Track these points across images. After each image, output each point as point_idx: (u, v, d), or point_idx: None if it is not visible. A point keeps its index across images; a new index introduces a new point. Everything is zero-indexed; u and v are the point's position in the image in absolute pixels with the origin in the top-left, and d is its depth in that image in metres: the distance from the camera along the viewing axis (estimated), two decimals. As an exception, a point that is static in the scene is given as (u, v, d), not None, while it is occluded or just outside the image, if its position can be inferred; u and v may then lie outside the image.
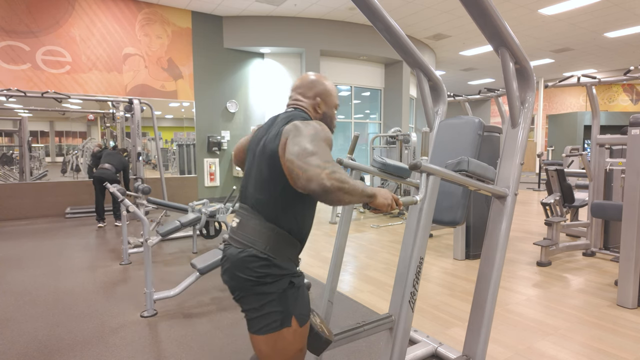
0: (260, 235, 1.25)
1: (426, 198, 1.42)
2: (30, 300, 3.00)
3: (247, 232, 1.27)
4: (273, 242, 1.25)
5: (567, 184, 4.57)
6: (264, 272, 1.22)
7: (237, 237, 1.29)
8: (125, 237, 3.97)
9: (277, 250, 1.25)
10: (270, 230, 1.25)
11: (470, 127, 1.87)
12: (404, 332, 1.42)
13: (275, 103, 9.03)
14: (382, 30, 1.75)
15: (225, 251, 1.33)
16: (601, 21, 8.59)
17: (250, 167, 1.36)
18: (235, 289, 1.28)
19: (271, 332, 1.24)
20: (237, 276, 1.25)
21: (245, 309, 1.28)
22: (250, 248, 1.24)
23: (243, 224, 1.30)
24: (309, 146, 1.12)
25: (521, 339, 2.37)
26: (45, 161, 7.59)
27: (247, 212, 1.31)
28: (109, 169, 5.67)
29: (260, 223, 1.26)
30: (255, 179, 1.31)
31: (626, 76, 4.06)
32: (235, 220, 1.34)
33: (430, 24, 8.74)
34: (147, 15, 7.66)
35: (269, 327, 1.24)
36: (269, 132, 1.31)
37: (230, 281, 1.29)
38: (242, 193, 1.38)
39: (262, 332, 1.24)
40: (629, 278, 2.80)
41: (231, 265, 1.26)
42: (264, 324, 1.24)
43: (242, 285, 1.25)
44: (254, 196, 1.30)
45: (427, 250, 4.48)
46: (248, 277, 1.23)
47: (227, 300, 3.00)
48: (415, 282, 1.43)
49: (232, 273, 1.26)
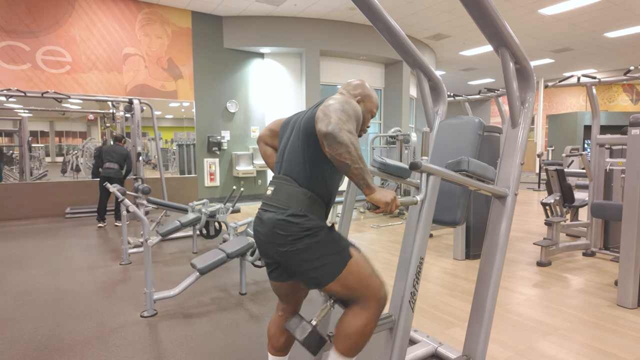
0: (295, 199, 1.39)
1: (426, 198, 1.42)
2: (30, 300, 3.00)
3: (282, 197, 1.41)
4: (306, 204, 1.39)
5: (567, 184, 4.57)
6: (306, 225, 1.35)
7: (273, 203, 1.42)
8: (125, 237, 3.97)
9: (311, 211, 1.40)
10: (303, 194, 1.40)
11: (470, 127, 1.87)
12: (404, 332, 1.42)
13: (276, 103, 9.04)
14: (382, 30, 1.74)
15: (261, 216, 1.44)
16: (601, 21, 8.59)
17: (285, 142, 1.53)
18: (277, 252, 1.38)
19: (338, 273, 1.36)
20: (280, 235, 1.35)
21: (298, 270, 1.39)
22: (287, 209, 1.37)
23: (277, 190, 1.44)
24: (339, 106, 1.29)
25: (521, 339, 2.37)
26: (45, 161, 7.59)
27: (281, 180, 1.46)
28: (114, 167, 5.69)
29: (294, 188, 1.41)
30: (290, 149, 1.48)
31: (626, 76, 4.06)
32: (269, 189, 1.48)
33: (430, 24, 8.74)
34: (147, 15, 7.66)
35: (336, 269, 1.36)
36: (309, 110, 1.49)
37: (270, 245, 1.39)
38: (276, 167, 1.54)
39: (332, 276, 1.36)
40: (629, 278, 2.80)
41: (273, 226, 1.37)
42: (328, 270, 1.36)
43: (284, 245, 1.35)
44: (288, 164, 1.46)
45: (427, 250, 4.48)
46: (292, 233, 1.34)
47: (227, 300, 3.00)
48: (415, 282, 1.43)
49: (274, 234, 1.37)
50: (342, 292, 1.39)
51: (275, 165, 1.56)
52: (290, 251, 1.35)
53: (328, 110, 1.26)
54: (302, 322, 1.44)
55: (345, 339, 1.39)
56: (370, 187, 1.27)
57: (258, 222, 1.46)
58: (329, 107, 1.28)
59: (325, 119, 1.23)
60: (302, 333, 1.41)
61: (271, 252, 1.42)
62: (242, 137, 8.91)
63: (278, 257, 1.41)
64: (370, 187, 1.27)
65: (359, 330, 1.38)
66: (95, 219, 6.50)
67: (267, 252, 1.44)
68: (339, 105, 1.29)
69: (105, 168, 5.67)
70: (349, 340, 1.39)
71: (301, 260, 1.35)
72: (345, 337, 1.39)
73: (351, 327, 1.39)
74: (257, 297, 3.06)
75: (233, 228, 3.76)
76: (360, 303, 1.40)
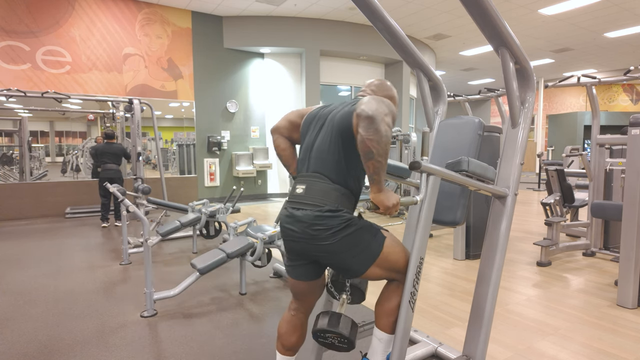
0: (329, 196, 1.40)
1: (426, 198, 1.42)
2: (30, 300, 3.00)
3: (316, 195, 1.41)
4: (340, 200, 1.41)
5: (567, 184, 4.57)
6: (344, 217, 1.38)
7: (306, 201, 1.42)
8: (125, 237, 3.97)
9: (345, 205, 1.42)
10: (337, 191, 1.42)
11: (470, 127, 1.87)
12: (404, 332, 1.42)
13: (276, 103, 9.04)
14: (382, 30, 1.75)
15: (294, 214, 1.44)
16: (601, 21, 8.58)
17: (312, 139, 1.52)
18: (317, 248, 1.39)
19: (377, 255, 1.40)
20: (320, 230, 1.37)
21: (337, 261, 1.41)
22: (324, 206, 1.38)
23: (310, 188, 1.44)
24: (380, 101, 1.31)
25: (521, 339, 2.37)
26: (45, 161, 7.58)
27: (312, 178, 1.46)
28: (112, 168, 5.69)
29: (327, 185, 1.42)
30: (321, 147, 1.47)
31: (626, 76, 4.06)
32: (300, 187, 1.47)
33: (430, 24, 8.73)
34: (147, 15, 7.66)
35: (374, 252, 1.40)
36: (342, 107, 1.49)
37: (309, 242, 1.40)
38: (302, 163, 1.53)
39: (371, 261, 1.40)
40: (629, 278, 2.80)
41: (311, 223, 1.38)
42: (367, 254, 1.40)
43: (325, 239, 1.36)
44: (319, 161, 1.46)
45: (427, 250, 4.48)
46: (332, 226, 1.36)
47: (227, 300, 3.00)
48: (415, 282, 1.43)
49: (313, 230, 1.38)
50: (381, 274, 1.44)
51: (301, 163, 1.54)
52: (332, 244, 1.36)
53: (371, 102, 1.28)
54: (342, 316, 1.47)
55: (389, 316, 1.46)
56: (379, 185, 1.29)
57: (291, 220, 1.44)
58: (372, 99, 1.29)
59: (370, 105, 1.25)
60: (346, 328, 1.44)
61: (308, 248, 1.42)
62: (242, 137, 8.91)
63: (317, 253, 1.42)
64: (380, 185, 1.30)
65: (399, 304, 1.46)
66: (97, 219, 6.50)
67: (303, 249, 1.44)
68: (380, 101, 1.31)
69: (104, 170, 5.67)
70: (393, 316, 1.46)
71: (343, 251, 1.38)
72: (389, 314, 1.46)
73: (394, 304, 1.46)
74: (257, 297, 3.06)
75: (233, 228, 3.76)
76: (397, 279, 1.48)
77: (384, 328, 1.48)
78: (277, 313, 2.75)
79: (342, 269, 1.44)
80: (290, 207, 1.47)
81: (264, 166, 8.81)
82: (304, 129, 1.60)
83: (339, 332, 1.42)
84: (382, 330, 1.49)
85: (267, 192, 9.23)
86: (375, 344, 1.51)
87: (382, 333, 1.49)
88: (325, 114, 1.54)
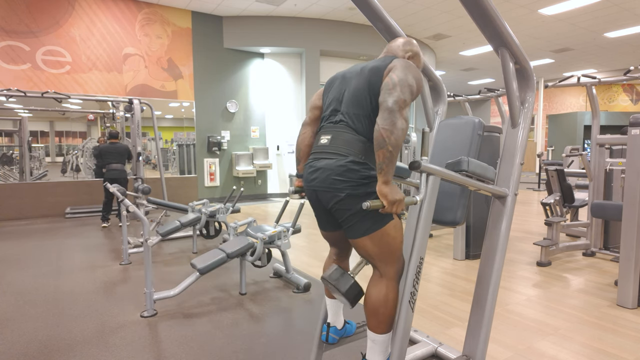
0: (355, 146, 1.40)
1: (426, 198, 1.42)
2: (30, 300, 3.00)
3: (340, 144, 1.41)
4: (365, 151, 1.40)
5: (567, 184, 4.57)
6: (365, 174, 1.37)
7: (330, 150, 1.42)
8: (125, 237, 3.97)
9: (370, 159, 1.40)
10: (362, 142, 1.40)
11: (470, 127, 1.87)
12: (404, 332, 1.42)
13: (276, 103, 9.04)
14: (382, 30, 1.75)
15: (315, 165, 1.44)
16: (601, 21, 8.58)
17: (339, 92, 1.52)
18: (332, 198, 1.39)
19: (377, 229, 1.39)
20: (338, 181, 1.37)
21: (345, 217, 1.41)
22: (348, 156, 1.38)
23: (335, 137, 1.43)
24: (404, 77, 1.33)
25: (521, 339, 2.37)
26: (45, 161, 7.59)
27: (338, 128, 1.45)
28: (118, 168, 5.70)
29: (353, 136, 1.41)
30: (349, 98, 1.46)
31: (626, 76, 4.06)
32: (325, 137, 1.47)
33: (430, 24, 8.73)
34: (147, 15, 7.66)
35: (376, 225, 1.39)
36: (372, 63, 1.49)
37: (326, 192, 1.40)
38: (327, 115, 1.53)
39: (369, 231, 1.39)
40: (629, 278, 2.80)
41: (331, 172, 1.38)
42: (369, 224, 1.38)
43: (341, 191, 1.36)
44: (347, 113, 1.45)
45: (427, 250, 4.48)
46: (350, 179, 1.36)
47: (227, 300, 3.00)
48: (415, 282, 1.43)
49: (331, 180, 1.38)
50: (369, 249, 1.42)
51: (327, 114, 1.53)
52: (346, 197, 1.36)
53: (396, 81, 1.30)
54: (344, 274, 1.50)
55: (373, 315, 1.45)
56: (387, 176, 1.28)
57: (311, 170, 1.45)
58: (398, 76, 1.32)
59: (393, 92, 1.28)
60: (344, 285, 1.47)
61: (325, 199, 1.42)
62: (242, 137, 8.91)
63: (332, 205, 1.42)
64: (387, 177, 1.28)
65: (382, 302, 1.43)
66: (97, 219, 6.50)
67: (321, 199, 1.45)
68: (404, 76, 1.33)
69: (109, 169, 5.67)
70: (377, 316, 1.44)
71: (350, 208, 1.38)
72: (373, 313, 1.45)
73: (374, 300, 1.44)
74: (257, 297, 3.06)
75: (233, 228, 3.76)
76: (379, 269, 1.46)
77: (373, 329, 1.47)
78: (277, 313, 2.75)
79: (345, 225, 1.44)
80: (313, 157, 1.48)
81: (264, 166, 8.81)
82: (327, 88, 1.61)
83: (337, 287, 1.48)
84: (372, 331, 1.48)
85: (267, 192, 9.23)
86: (370, 345, 1.50)
87: (373, 334, 1.48)
88: (352, 70, 1.55)
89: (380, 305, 1.43)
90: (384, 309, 1.44)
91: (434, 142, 2.04)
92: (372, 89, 1.42)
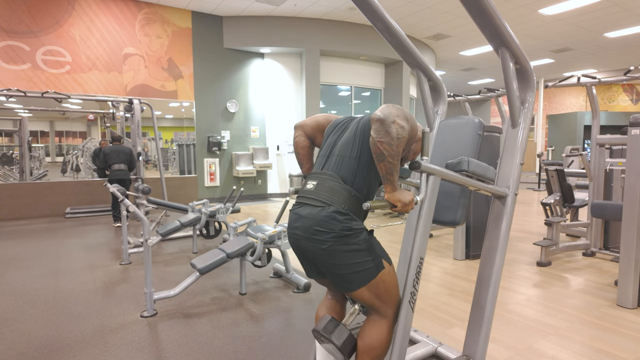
0: (339, 195, 1.38)
1: (426, 198, 1.42)
2: (30, 300, 3.00)
3: (324, 192, 1.40)
4: (349, 202, 1.38)
5: (567, 184, 4.57)
6: (347, 225, 1.34)
7: (314, 197, 1.40)
8: (125, 237, 3.97)
9: (353, 210, 1.39)
10: (347, 192, 1.39)
11: (470, 127, 1.87)
12: (404, 332, 1.42)
13: (276, 103, 9.03)
14: (382, 30, 1.74)
15: (299, 212, 1.42)
16: (601, 21, 8.58)
17: (335, 139, 1.54)
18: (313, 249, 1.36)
19: (371, 280, 1.36)
20: (320, 232, 1.34)
21: (330, 270, 1.37)
22: (331, 206, 1.36)
23: (320, 185, 1.43)
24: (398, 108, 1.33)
25: (521, 339, 2.37)
26: (45, 161, 7.59)
27: (325, 175, 1.45)
28: (122, 168, 5.72)
29: (338, 185, 1.40)
30: (343, 144, 1.48)
31: (626, 76, 4.06)
32: (311, 183, 1.46)
33: (430, 24, 8.73)
34: (147, 15, 7.66)
35: (368, 276, 1.36)
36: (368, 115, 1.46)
37: (310, 243, 1.37)
38: (319, 161, 1.54)
39: (364, 283, 1.36)
40: (629, 278, 2.80)
41: (313, 222, 1.36)
42: (362, 276, 1.35)
43: (323, 243, 1.33)
44: (337, 160, 1.46)
45: (427, 250, 4.48)
46: (332, 230, 1.32)
47: (227, 300, 3.00)
48: (415, 282, 1.43)
49: (313, 231, 1.35)
50: (367, 299, 1.39)
51: (319, 160, 1.54)
52: (329, 250, 1.33)
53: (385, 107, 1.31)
54: (339, 326, 1.42)
55: (370, 352, 1.41)
56: (393, 185, 1.31)
57: (295, 218, 1.43)
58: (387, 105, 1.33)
59: (384, 109, 1.29)
60: (339, 338, 1.39)
61: (309, 250, 1.39)
62: (242, 137, 8.91)
63: (315, 256, 1.39)
64: (393, 185, 1.31)
65: (382, 341, 1.41)
66: (97, 219, 6.50)
67: (305, 250, 1.41)
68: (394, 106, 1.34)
69: (113, 170, 5.69)
70: (374, 353, 1.40)
71: (337, 262, 1.34)
72: (370, 351, 1.40)
73: (374, 339, 1.41)
74: (257, 297, 3.06)
75: (233, 228, 3.76)
76: (379, 312, 1.43)
77: None
78: (277, 313, 2.75)
79: (332, 278, 1.41)
80: (297, 203, 1.46)
81: (264, 166, 8.81)
82: (329, 130, 1.61)
83: (331, 339, 1.40)
84: None
85: (267, 192, 9.23)
86: None
87: None
88: (352, 120, 1.57)
89: (379, 346, 1.41)
90: (382, 351, 1.41)
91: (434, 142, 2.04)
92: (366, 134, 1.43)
